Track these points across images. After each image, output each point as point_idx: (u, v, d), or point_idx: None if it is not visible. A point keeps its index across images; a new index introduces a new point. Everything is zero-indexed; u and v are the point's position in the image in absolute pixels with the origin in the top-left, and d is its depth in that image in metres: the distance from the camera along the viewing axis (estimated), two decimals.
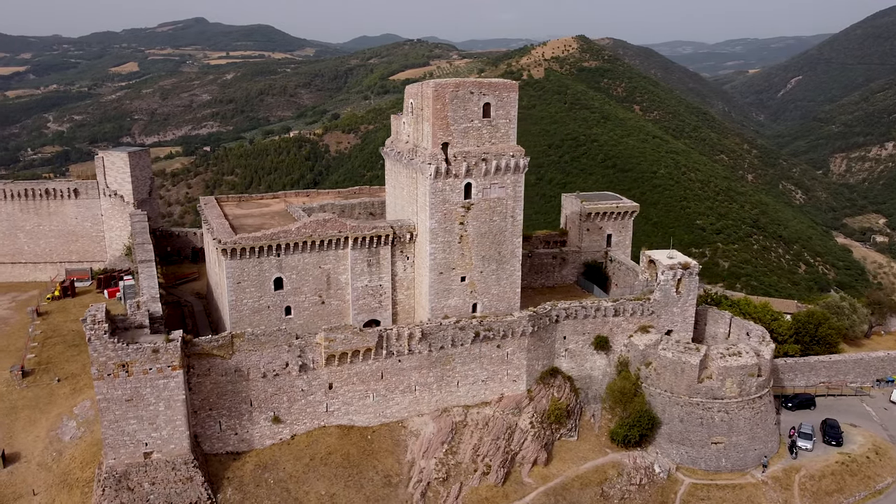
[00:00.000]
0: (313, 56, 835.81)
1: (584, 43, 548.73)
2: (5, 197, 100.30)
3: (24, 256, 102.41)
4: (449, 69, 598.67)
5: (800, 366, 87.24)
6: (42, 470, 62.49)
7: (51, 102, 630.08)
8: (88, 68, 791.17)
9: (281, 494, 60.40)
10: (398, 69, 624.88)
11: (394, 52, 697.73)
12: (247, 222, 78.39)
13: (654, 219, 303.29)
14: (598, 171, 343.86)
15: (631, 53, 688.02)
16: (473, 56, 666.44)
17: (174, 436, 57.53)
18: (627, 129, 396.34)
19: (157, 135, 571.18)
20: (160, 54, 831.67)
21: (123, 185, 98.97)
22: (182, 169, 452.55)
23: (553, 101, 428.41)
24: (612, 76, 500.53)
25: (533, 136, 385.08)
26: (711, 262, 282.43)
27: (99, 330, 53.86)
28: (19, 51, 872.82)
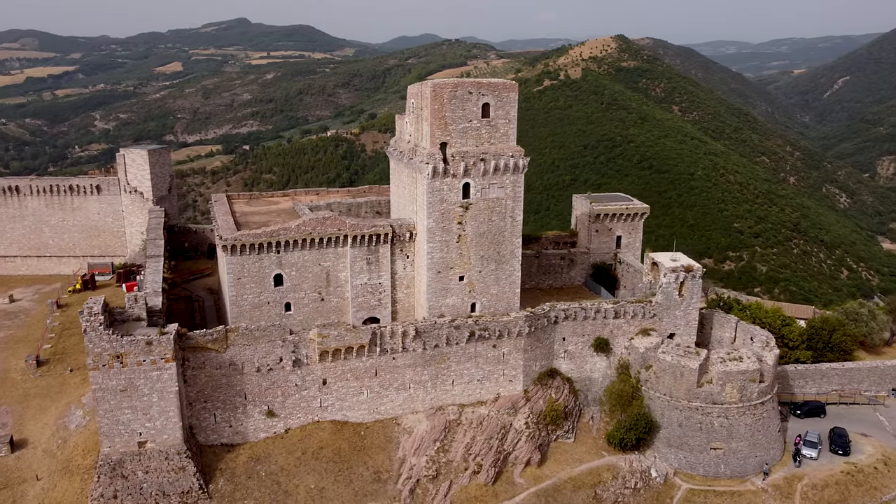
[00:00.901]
0: (352, 56, 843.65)
1: (623, 43, 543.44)
2: (31, 192, 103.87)
3: (49, 250, 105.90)
4: (486, 69, 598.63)
5: (811, 372, 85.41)
6: (47, 456, 64.68)
7: (98, 101, 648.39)
8: (134, 68, 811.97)
9: (271, 487, 61.61)
10: (436, 69, 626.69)
11: (432, 52, 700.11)
12: (253, 219, 79.96)
13: (690, 221, 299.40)
14: (634, 172, 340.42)
15: (671, 53, 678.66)
16: (511, 56, 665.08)
17: (167, 426, 59.13)
18: (665, 129, 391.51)
19: (198, 133, 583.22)
20: (203, 54, 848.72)
21: (143, 182, 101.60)
22: (222, 167, 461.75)
23: (590, 102, 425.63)
24: (651, 76, 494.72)
25: (569, 137, 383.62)
26: (749, 265, 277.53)
27: (94, 322, 55.68)
28: (69, 51, 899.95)
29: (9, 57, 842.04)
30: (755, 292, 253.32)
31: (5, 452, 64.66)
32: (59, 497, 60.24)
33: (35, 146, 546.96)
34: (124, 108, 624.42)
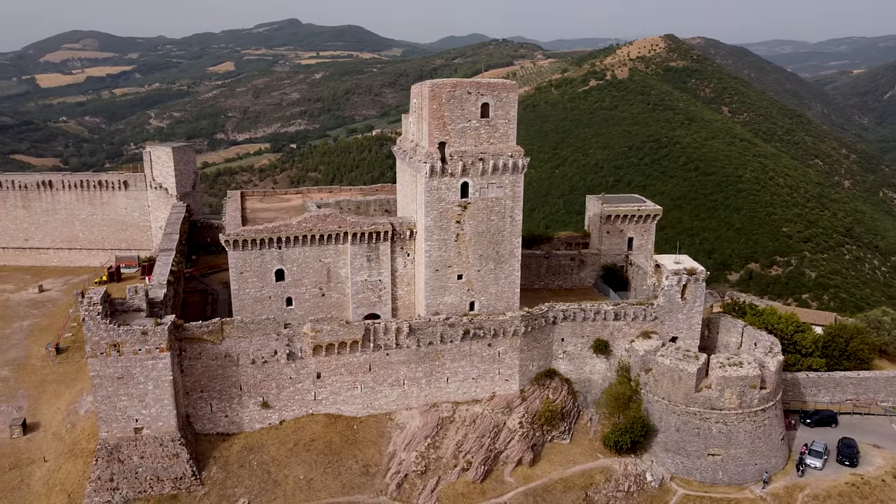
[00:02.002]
0: (400, 56, 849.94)
1: (672, 42, 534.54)
2: (64, 187, 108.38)
3: (79, 243, 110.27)
4: (532, 69, 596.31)
5: (823, 381, 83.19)
6: (55, 439, 67.72)
7: (153, 100, 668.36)
8: (188, 68, 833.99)
9: (262, 476, 63.25)
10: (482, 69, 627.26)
11: (479, 52, 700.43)
12: (261, 215, 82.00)
13: (736, 224, 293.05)
14: (680, 173, 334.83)
15: (723, 53, 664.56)
16: (558, 56, 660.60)
17: (162, 414, 61.29)
18: (713, 131, 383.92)
19: (248, 132, 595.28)
20: (255, 54, 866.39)
21: (168, 179, 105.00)
22: (269, 165, 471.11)
23: (636, 102, 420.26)
24: (701, 76, 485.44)
25: (613, 138, 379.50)
26: (797, 271, 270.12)
27: (93, 311, 58.12)
28: (127, 51, 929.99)
29: (70, 57, 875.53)
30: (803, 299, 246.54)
31: (18, 434, 67.99)
32: (63, 478, 63.05)
33: (93, 143, 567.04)
34: (178, 106, 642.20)
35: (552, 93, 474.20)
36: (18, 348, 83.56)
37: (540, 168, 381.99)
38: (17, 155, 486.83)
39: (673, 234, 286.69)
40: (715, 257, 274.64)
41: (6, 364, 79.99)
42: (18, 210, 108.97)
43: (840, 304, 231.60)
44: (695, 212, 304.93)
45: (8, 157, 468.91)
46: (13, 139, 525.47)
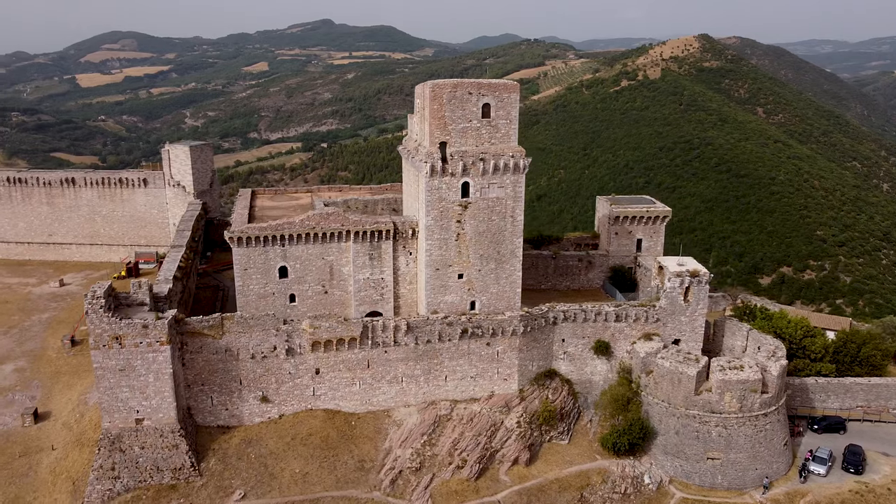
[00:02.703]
0: (431, 56, 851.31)
1: (706, 42, 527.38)
2: (86, 184, 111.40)
3: (100, 238, 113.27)
4: (563, 69, 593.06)
5: (833, 386, 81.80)
6: (64, 428, 69.85)
7: (189, 99, 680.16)
8: (224, 68, 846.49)
9: (258, 469, 64.49)
10: (513, 69, 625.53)
11: (510, 52, 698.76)
12: (269, 213, 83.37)
13: (769, 227, 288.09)
14: (712, 175, 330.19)
15: (759, 53, 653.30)
16: (590, 56, 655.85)
17: (162, 405, 62.87)
18: (746, 132, 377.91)
19: (280, 131, 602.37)
20: (288, 54, 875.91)
21: (185, 177, 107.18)
22: (300, 164, 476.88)
23: (667, 103, 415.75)
24: (735, 77, 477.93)
25: (644, 139, 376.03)
26: (831, 276, 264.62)
27: (96, 304, 59.92)
28: (165, 51, 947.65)
29: (110, 57, 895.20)
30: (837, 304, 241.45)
31: (29, 423, 70.32)
32: (69, 466, 65.05)
33: (130, 141, 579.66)
34: (213, 105, 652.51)
35: (583, 93, 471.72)
36: (36, 340, 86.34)
37: (570, 169, 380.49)
38: (58, 153, 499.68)
39: (704, 237, 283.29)
40: (746, 260, 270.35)
41: (24, 355, 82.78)
42: (43, 206, 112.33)
43: (875, 309, 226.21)
44: (726, 214, 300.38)
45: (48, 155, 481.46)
46: (54, 137, 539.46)
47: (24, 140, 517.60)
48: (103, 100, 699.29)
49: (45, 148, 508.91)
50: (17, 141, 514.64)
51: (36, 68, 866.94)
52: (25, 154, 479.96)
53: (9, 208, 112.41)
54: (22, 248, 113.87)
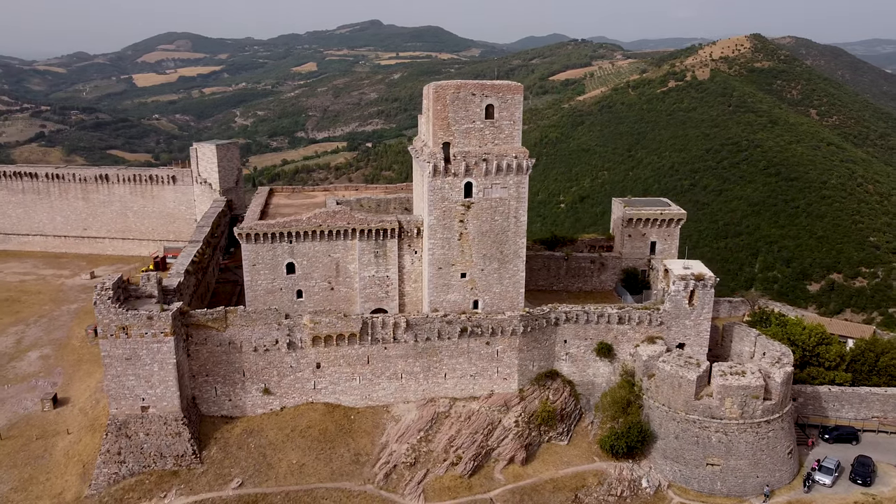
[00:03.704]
0: (478, 56, 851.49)
1: (758, 42, 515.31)
2: (118, 181, 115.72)
3: (131, 233, 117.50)
4: (610, 69, 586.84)
5: (847, 396, 79.87)
6: (81, 414, 73.02)
7: (239, 99, 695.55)
8: (273, 68, 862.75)
9: (257, 458, 66.41)
10: (559, 69, 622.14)
11: (556, 52, 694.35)
12: (282, 211, 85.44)
13: (818, 233, 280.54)
14: (760, 178, 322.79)
15: (815, 53, 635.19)
16: (638, 56, 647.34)
17: (167, 394, 65.32)
18: (798, 134, 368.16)
19: (327, 130, 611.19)
20: (336, 55, 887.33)
21: (212, 174, 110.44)
22: (345, 163, 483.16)
23: (716, 104, 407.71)
24: (787, 77, 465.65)
25: (690, 140, 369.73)
26: (884, 283, 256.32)
27: (104, 296, 62.68)
28: (217, 52, 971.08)
29: (165, 58, 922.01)
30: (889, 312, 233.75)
31: (48, 408, 73.69)
32: (82, 450, 68.06)
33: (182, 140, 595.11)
34: (262, 105, 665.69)
35: (629, 94, 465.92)
36: (63, 329, 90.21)
37: (614, 171, 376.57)
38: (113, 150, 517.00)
39: (750, 241, 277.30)
40: (794, 266, 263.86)
41: (50, 343, 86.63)
42: (79, 202, 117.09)
43: None
44: (774, 218, 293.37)
45: (105, 153, 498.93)
46: (110, 135, 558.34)
47: (82, 138, 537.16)
48: (158, 99, 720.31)
49: (101, 145, 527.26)
50: (76, 138, 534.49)
51: (95, 68, 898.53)
52: (83, 151, 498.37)
53: (47, 203, 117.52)
54: (59, 241, 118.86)
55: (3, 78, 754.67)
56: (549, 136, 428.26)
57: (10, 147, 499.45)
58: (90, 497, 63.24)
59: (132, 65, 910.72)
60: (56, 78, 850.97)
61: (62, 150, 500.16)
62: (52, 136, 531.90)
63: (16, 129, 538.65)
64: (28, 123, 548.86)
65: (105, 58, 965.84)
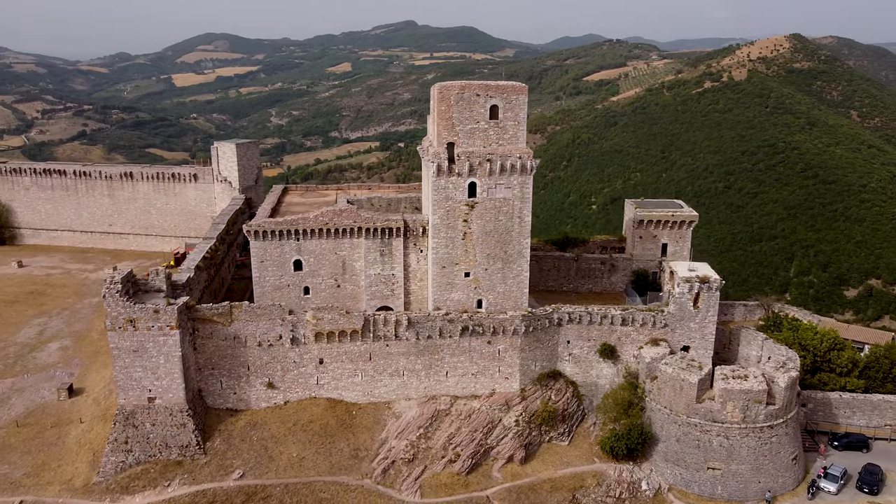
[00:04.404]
0: (512, 57, 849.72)
1: (798, 42, 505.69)
2: (142, 178, 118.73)
3: (154, 230, 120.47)
4: (645, 70, 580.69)
5: (859, 403, 78.45)
6: (94, 404, 75.33)
7: (274, 99, 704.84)
8: (309, 68, 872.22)
9: (259, 451, 67.79)
10: (593, 70, 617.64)
11: (591, 52, 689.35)
12: (293, 209, 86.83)
13: (857, 237, 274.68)
14: (796, 181, 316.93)
15: (857, 53, 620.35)
16: (674, 56, 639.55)
17: (172, 386, 67.07)
18: (837, 136, 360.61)
19: (360, 130, 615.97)
20: (371, 55, 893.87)
21: (231, 173, 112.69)
22: (377, 163, 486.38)
23: (752, 105, 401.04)
24: (828, 78, 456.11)
25: (725, 142, 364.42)
26: None
27: (113, 289, 64.65)
28: (254, 52, 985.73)
29: (204, 58, 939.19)
30: None
31: (64, 397, 76.16)
32: (93, 438, 70.21)
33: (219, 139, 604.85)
34: (297, 105, 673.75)
35: (663, 94, 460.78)
36: (84, 321, 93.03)
37: (646, 172, 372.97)
38: (152, 149, 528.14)
39: (785, 245, 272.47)
40: (831, 271, 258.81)
41: (70, 334, 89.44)
42: (104, 198, 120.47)
43: None
44: (810, 222, 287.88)
45: (144, 151, 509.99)
46: (149, 134, 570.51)
47: (122, 136, 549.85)
48: (196, 98, 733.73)
49: (141, 144, 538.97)
50: (117, 137, 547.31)
51: (136, 68, 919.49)
52: (123, 150, 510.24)
53: (74, 199, 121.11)
54: (85, 236, 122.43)
55: (48, 78, 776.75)
56: (582, 136, 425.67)
57: (53, 145, 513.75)
58: (97, 484, 65.23)
59: (172, 65, 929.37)
60: (98, 78, 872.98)
61: (103, 149, 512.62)
62: (94, 135, 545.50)
63: (59, 127, 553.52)
64: (71, 122, 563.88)
65: (146, 58, 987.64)
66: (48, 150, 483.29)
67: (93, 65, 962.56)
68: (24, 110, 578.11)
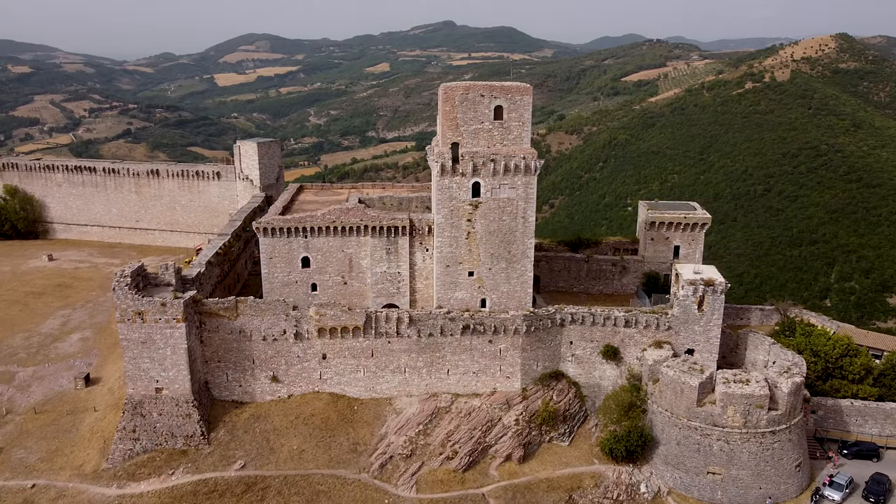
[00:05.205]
0: (551, 57, 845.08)
1: (844, 42, 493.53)
2: (168, 176, 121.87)
3: (179, 226, 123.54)
4: (685, 70, 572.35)
5: (871, 411, 76.88)
6: (108, 393, 77.85)
7: (313, 98, 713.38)
8: (348, 68, 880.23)
9: (261, 442, 69.39)
10: (632, 70, 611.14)
11: (630, 52, 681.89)
12: (305, 207, 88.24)
13: None
14: (839, 184, 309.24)
15: None
16: (715, 57, 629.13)
17: (178, 377, 69.07)
18: (883, 138, 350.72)
19: (397, 130, 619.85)
20: (409, 55, 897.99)
21: (253, 171, 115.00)
22: (412, 163, 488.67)
23: (795, 107, 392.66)
24: (876, 79, 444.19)
25: (766, 144, 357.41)
26: None
27: (122, 282, 66.87)
28: (294, 52, 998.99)
29: (245, 58, 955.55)
30: None
31: (81, 386, 78.90)
32: (105, 426, 72.66)
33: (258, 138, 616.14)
34: (335, 105, 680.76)
35: (703, 95, 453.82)
36: (105, 314, 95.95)
37: (684, 174, 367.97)
38: (194, 147, 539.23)
39: (826, 250, 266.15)
40: (874, 277, 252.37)
41: (92, 326, 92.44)
42: (132, 195, 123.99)
43: None
44: (853, 226, 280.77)
45: (186, 149, 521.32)
46: (192, 133, 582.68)
47: (165, 135, 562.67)
48: (237, 98, 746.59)
49: (183, 142, 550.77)
50: (160, 135, 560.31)
51: (179, 68, 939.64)
52: (166, 148, 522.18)
53: (104, 195, 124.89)
54: (114, 231, 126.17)
55: (96, 77, 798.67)
56: (618, 137, 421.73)
57: (99, 143, 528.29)
58: (106, 470, 67.53)
59: (214, 65, 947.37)
60: (144, 77, 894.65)
61: (146, 147, 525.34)
62: (138, 133, 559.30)
63: (105, 125, 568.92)
64: (116, 121, 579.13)
65: (189, 58, 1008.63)
66: (94, 148, 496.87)
67: (139, 65, 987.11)
68: (73, 109, 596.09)
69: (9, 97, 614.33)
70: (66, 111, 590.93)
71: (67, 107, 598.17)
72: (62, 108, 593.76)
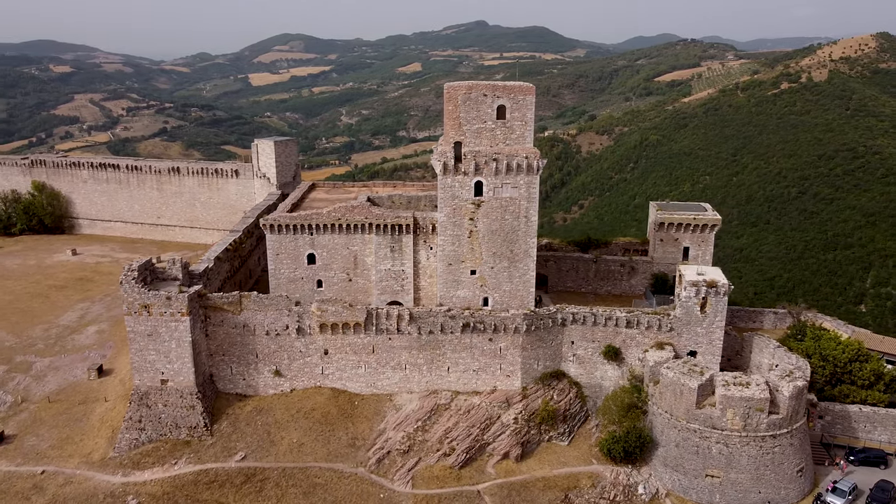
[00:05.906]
0: (583, 57, 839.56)
1: (885, 41, 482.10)
2: (188, 173, 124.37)
3: (198, 223, 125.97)
4: (720, 70, 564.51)
5: (880, 417, 75.45)
6: (120, 384, 79.93)
7: (345, 98, 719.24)
8: (380, 68, 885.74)
9: (262, 435, 70.67)
10: (665, 70, 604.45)
11: (664, 52, 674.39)
12: (314, 205, 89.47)
13: None
14: (877, 187, 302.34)
15: None
16: (751, 56, 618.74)
17: (183, 370, 70.70)
18: None
19: (428, 130, 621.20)
20: (441, 55, 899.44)
21: (270, 169, 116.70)
22: None
23: (832, 107, 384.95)
24: None
25: (801, 146, 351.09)
26: None
27: (129, 276, 68.72)
28: (327, 52, 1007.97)
29: (279, 58, 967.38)
30: None
31: (94, 377, 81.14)
32: (114, 416, 74.66)
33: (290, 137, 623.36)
34: (367, 104, 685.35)
35: (737, 95, 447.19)
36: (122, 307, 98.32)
37: (716, 175, 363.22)
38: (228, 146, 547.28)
39: (862, 254, 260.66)
40: None
41: (108, 319, 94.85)
42: (154, 192, 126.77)
43: None
44: (891, 230, 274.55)
45: (220, 148, 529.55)
46: (226, 131, 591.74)
47: (199, 133, 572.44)
48: (270, 97, 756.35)
49: (217, 141, 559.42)
50: (195, 134, 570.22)
51: (215, 68, 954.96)
52: (200, 146, 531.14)
53: (126, 192, 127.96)
54: (136, 227, 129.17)
55: (134, 77, 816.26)
56: (650, 138, 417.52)
57: (136, 141, 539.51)
58: (112, 459, 69.41)
59: (248, 65, 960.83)
60: (180, 77, 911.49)
61: (181, 145, 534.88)
62: (174, 132, 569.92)
63: (142, 124, 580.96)
64: (153, 119, 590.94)
65: (224, 58, 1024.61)
66: (131, 146, 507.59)
67: (175, 64, 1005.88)
68: (111, 108, 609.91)
69: (50, 96, 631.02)
70: (105, 110, 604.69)
71: (106, 105, 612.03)
72: (101, 107, 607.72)
